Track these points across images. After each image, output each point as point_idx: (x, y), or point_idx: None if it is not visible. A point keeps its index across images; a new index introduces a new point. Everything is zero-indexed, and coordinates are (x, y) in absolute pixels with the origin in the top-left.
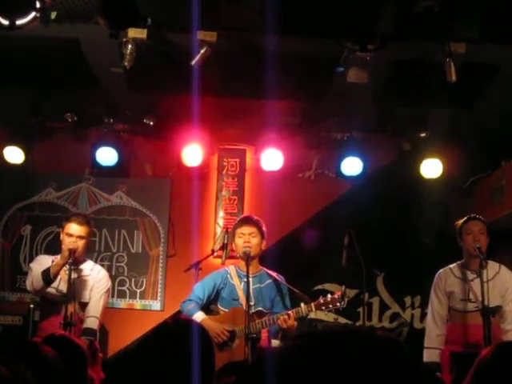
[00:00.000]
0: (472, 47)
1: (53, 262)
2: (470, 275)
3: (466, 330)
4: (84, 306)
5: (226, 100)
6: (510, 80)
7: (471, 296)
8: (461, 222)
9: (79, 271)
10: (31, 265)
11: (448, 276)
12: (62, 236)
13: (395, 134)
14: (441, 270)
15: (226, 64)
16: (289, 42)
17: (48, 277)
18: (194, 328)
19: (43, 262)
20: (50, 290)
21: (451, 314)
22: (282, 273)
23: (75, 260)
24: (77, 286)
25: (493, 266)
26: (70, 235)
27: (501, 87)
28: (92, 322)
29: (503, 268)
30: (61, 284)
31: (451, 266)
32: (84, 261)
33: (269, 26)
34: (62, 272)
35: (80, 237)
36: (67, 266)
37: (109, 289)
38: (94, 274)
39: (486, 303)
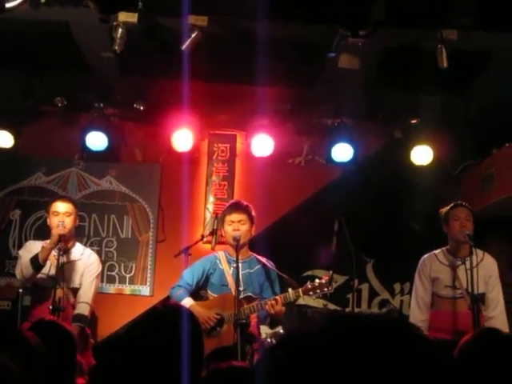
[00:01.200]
0: (464, 34)
1: (42, 247)
2: (455, 262)
3: (453, 317)
4: (75, 291)
5: (217, 85)
6: (501, 67)
7: (456, 283)
8: (447, 208)
9: (69, 256)
10: (20, 252)
11: (433, 262)
12: (48, 219)
13: (386, 121)
14: (425, 256)
15: (217, 49)
16: (280, 27)
17: (37, 262)
18: (183, 313)
19: (32, 248)
20: (40, 275)
21: (435, 301)
22: (272, 258)
23: (65, 244)
24: (67, 270)
25: (477, 253)
26: (57, 213)
27: (492, 74)
28: (83, 308)
29: (487, 255)
30: (51, 269)
31: (436, 251)
32: (73, 245)
33: (260, 12)
34: (51, 257)
35: (66, 213)
36: (57, 251)
37: (99, 273)
38: (85, 258)
39: (473, 290)
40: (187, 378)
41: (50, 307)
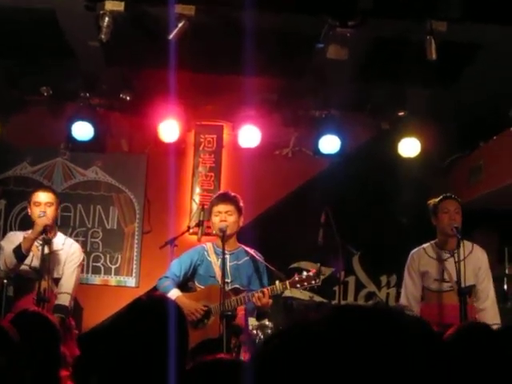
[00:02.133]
0: (453, 26)
1: (24, 237)
2: (444, 255)
3: (441, 310)
4: (58, 281)
5: (204, 75)
6: (490, 60)
7: (445, 276)
8: (436, 200)
9: (51, 246)
10: (2, 243)
11: (421, 256)
12: (29, 209)
13: (374, 113)
14: (414, 250)
15: (204, 39)
16: (268, 17)
17: (20, 252)
18: (168, 304)
19: (13, 239)
20: (23, 266)
21: (425, 294)
22: (258, 250)
23: (46, 234)
24: (49, 261)
25: (466, 246)
26: (38, 203)
27: (481, 67)
28: (64, 299)
29: (476, 247)
30: (33, 260)
31: (424, 245)
32: (55, 235)
33: (248, 1)
34: (34, 248)
35: (48, 203)
36: (39, 242)
37: (82, 263)
38: (67, 248)
39: (461, 283)
40: (174, 370)
41: (35, 298)
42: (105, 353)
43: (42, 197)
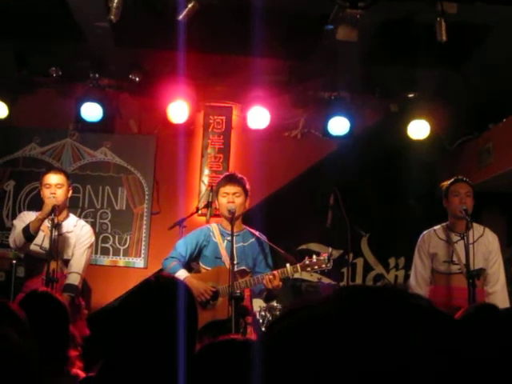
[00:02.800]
0: (463, 7)
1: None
2: (454, 237)
3: (450, 292)
4: (68, 262)
5: (213, 56)
6: (500, 41)
7: (455, 258)
8: (447, 183)
9: (62, 227)
10: (14, 222)
11: (432, 238)
12: (41, 192)
13: (383, 95)
14: (425, 232)
15: (213, 20)
16: None
17: (28, 232)
18: (177, 285)
19: (26, 218)
20: (34, 247)
21: (434, 276)
22: (267, 232)
23: (58, 215)
24: (60, 242)
25: (477, 229)
26: (49, 185)
27: (490, 48)
28: (74, 278)
29: (487, 230)
30: (44, 241)
31: (435, 227)
32: (67, 216)
33: None
34: (45, 229)
35: (58, 185)
36: (50, 223)
37: (92, 244)
38: (77, 230)
39: (470, 266)
40: (183, 350)
41: (44, 278)
42: (113, 333)
43: (53, 178)
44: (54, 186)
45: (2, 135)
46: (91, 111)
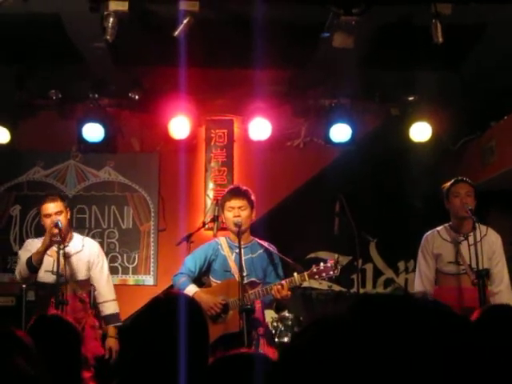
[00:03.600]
0: (458, 8)
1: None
2: (458, 238)
3: (455, 293)
4: (82, 283)
5: (212, 71)
6: (496, 40)
7: (459, 259)
8: (448, 184)
9: (70, 249)
10: (19, 252)
11: (435, 238)
12: (42, 221)
13: (383, 99)
14: (428, 233)
15: (210, 34)
16: (272, 8)
17: (31, 264)
18: (185, 301)
19: (31, 246)
20: (45, 274)
21: (438, 277)
22: (274, 242)
23: (63, 240)
24: (72, 264)
25: (481, 229)
26: (48, 215)
27: (487, 47)
28: (113, 307)
29: (490, 230)
30: (54, 265)
31: (438, 228)
32: (72, 237)
33: None
34: (53, 254)
35: (57, 212)
36: (56, 247)
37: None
38: (87, 250)
39: (478, 266)
40: (195, 366)
41: (53, 301)
42: (126, 353)
43: (51, 207)
44: (54, 214)
45: (5, 160)
46: (93, 132)
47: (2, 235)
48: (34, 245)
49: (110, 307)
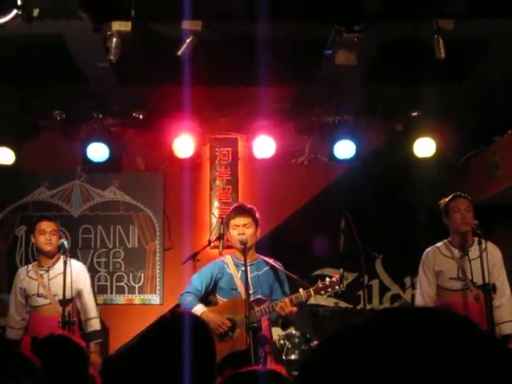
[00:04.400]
0: (460, 23)
1: (28, 271)
2: (458, 253)
3: (457, 309)
4: (63, 302)
5: (215, 89)
6: (499, 54)
7: (460, 274)
8: (446, 200)
9: (54, 271)
10: (13, 287)
11: (436, 255)
12: (33, 239)
13: (387, 115)
14: (429, 249)
15: (213, 53)
16: (274, 27)
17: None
18: (191, 320)
19: (19, 280)
20: (33, 297)
21: (440, 293)
22: (280, 260)
23: (50, 260)
24: (53, 285)
25: (480, 243)
26: (43, 232)
27: (490, 62)
28: (95, 324)
29: (489, 244)
30: (39, 288)
31: (438, 244)
32: (58, 259)
33: (254, 12)
34: (38, 278)
35: (53, 231)
36: (43, 270)
37: (89, 279)
38: (70, 270)
39: (484, 280)
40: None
41: (59, 321)
42: (135, 373)
43: (48, 225)
44: (49, 232)
45: (10, 181)
46: (97, 151)
47: (8, 256)
48: (22, 275)
49: (93, 324)
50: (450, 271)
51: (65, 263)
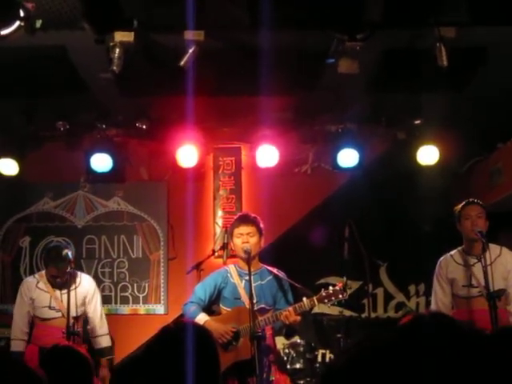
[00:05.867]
0: (462, 31)
1: (37, 282)
2: (471, 260)
3: (472, 316)
4: (76, 318)
5: (219, 99)
6: (501, 61)
7: (473, 281)
8: (459, 206)
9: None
10: (18, 298)
11: (449, 263)
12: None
13: (389, 123)
14: (441, 258)
15: (217, 63)
16: (277, 36)
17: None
18: (195, 330)
19: (25, 292)
20: (43, 310)
21: (455, 301)
22: (284, 269)
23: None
24: (65, 301)
25: (494, 249)
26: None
27: (492, 69)
28: (106, 341)
29: (504, 250)
30: (52, 301)
31: (451, 252)
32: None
33: (256, 22)
34: (50, 290)
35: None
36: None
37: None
38: (83, 286)
39: (490, 287)
40: None
41: (64, 332)
42: (137, 383)
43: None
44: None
45: (14, 192)
46: (101, 162)
47: (12, 267)
48: (27, 286)
49: (103, 341)
50: (462, 279)
51: (69, 274)
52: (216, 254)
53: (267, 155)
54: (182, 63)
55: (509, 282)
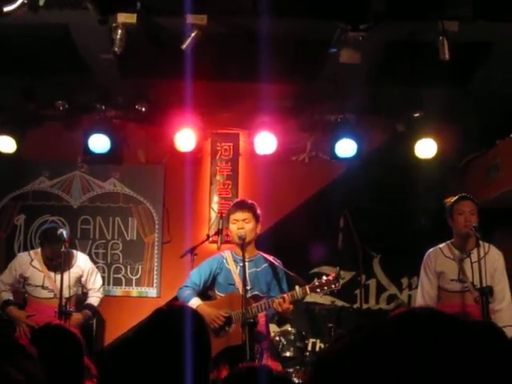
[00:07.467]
0: (465, 25)
1: (31, 260)
2: (460, 255)
3: (456, 310)
4: (70, 298)
5: (219, 84)
6: (503, 58)
7: (461, 276)
8: (451, 200)
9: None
10: (10, 264)
11: (438, 256)
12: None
13: (389, 115)
14: (430, 250)
15: (218, 48)
16: (280, 24)
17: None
18: (187, 313)
19: (16, 265)
20: (36, 289)
21: (441, 294)
22: (278, 256)
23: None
24: (59, 281)
25: (483, 246)
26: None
27: (494, 65)
28: (97, 301)
29: (492, 248)
30: (45, 281)
31: (440, 245)
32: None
33: (260, 8)
34: (44, 270)
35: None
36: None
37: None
38: (78, 265)
39: (482, 283)
40: (196, 378)
41: (56, 311)
42: (128, 364)
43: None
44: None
45: (10, 169)
46: (99, 143)
47: (6, 244)
48: (22, 261)
49: (92, 299)
50: (450, 272)
51: (64, 253)
52: (210, 239)
53: (265, 142)
54: (184, 47)
55: (495, 280)
